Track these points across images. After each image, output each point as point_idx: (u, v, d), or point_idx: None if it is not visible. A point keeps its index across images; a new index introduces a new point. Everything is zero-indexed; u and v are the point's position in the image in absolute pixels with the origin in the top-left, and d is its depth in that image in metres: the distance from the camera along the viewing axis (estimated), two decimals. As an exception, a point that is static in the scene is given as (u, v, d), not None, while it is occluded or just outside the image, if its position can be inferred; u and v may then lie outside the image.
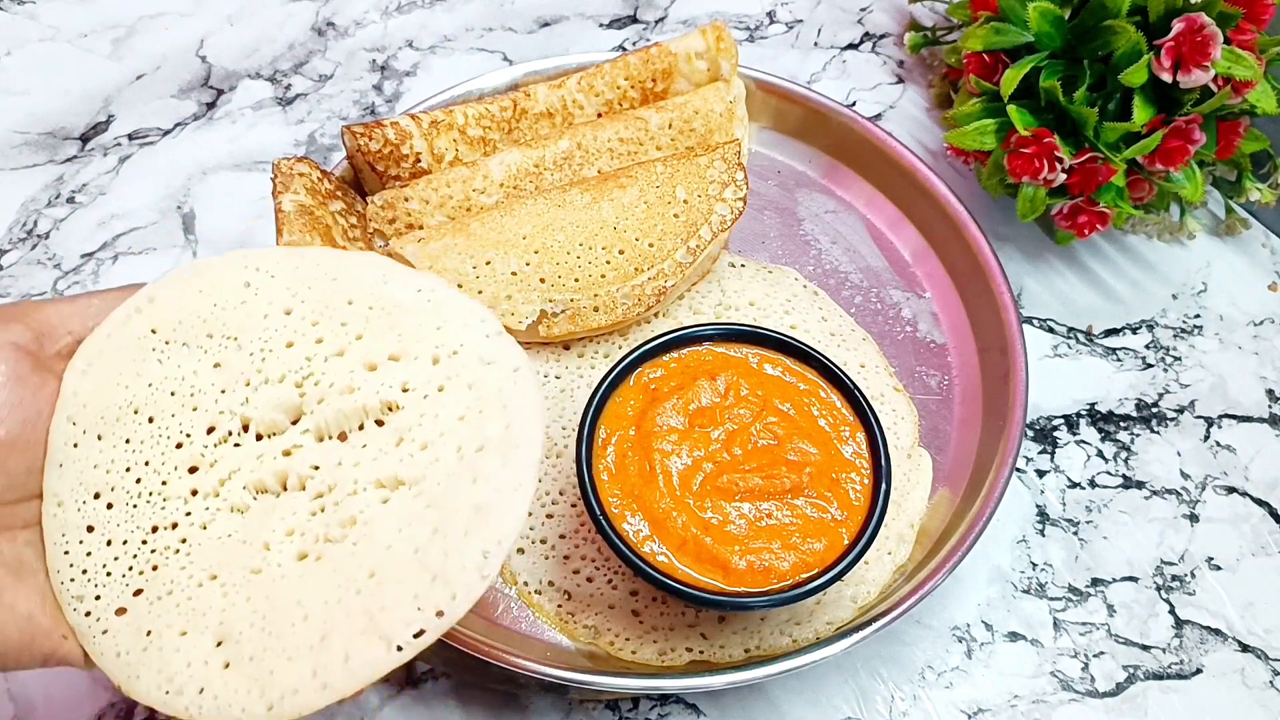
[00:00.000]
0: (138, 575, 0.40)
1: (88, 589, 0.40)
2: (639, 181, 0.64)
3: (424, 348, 0.43)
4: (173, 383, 0.42)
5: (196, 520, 0.40)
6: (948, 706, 0.56)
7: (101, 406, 0.41)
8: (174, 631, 0.39)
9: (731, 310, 0.65)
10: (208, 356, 0.42)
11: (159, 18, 0.84)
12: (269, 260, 0.44)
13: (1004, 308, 0.63)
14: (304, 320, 0.43)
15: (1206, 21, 0.61)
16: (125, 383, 0.41)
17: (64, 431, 0.40)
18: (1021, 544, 0.61)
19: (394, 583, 0.39)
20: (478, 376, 0.42)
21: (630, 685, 0.52)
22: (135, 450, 0.41)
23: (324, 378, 0.42)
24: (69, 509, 0.40)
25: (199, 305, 0.43)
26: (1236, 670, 0.58)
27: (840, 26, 0.86)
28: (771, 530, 0.50)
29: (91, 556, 0.40)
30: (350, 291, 0.43)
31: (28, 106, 0.78)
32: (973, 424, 0.62)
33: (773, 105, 0.73)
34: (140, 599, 0.40)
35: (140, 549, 0.40)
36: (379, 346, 0.43)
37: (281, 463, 0.41)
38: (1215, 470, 0.65)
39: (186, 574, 0.40)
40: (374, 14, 0.85)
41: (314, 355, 0.42)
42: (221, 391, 0.42)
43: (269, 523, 0.40)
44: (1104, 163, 0.64)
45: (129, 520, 0.40)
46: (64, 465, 0.40)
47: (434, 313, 0.43)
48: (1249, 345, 0.70)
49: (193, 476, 0.41)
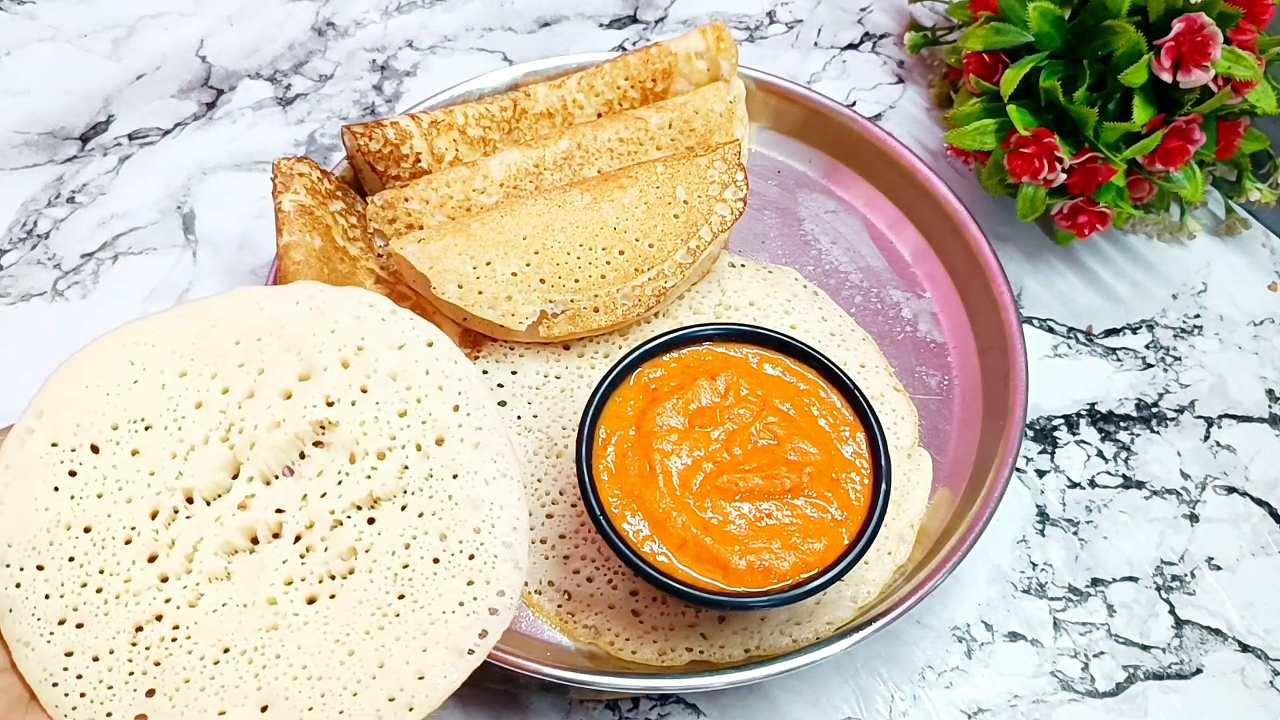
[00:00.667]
0: (142, 676, 0.39)
1: (95, 710, 0.38)
2: (639, 182, 0.64)
3: (328, 356, 0.42)
4: (96, 486, 0.40)
5: (180, 602, 0.39)
6: (948, 706, 0.56)
7: (28, 538, 0.39)
8: (211, 715, 0.38)
9: (731, 310, 0.65)
10: (121, 448, 0.41)
11: (159, 18, 0.84)
12: (142, 332, 0.42)
13: (1004, 308, 0.63)
14: (201, 376, 0.42)
15: (1206, 21, 0.61)
16: (44, 505, 0.40)
17: (0, 577, 0.39)
18: (1021, 544, 0.61)
19: (432, 597, 0.39)
20: (395, 364, 0.41)
21: (630, 685, 0.52)
22: (83, 565, 0.39)
23: (245, 422, 0.41)
24: (39, 646, 0.38)
25: (91, 402, 0.41)
26: (1236, 670, 0.58)
27: (840, 26, 0.86)
28: (771, 530, 0.50)
29: (83, 678, 0.38)
30: (233, 331, 0.42)
31: (28, 106, 0.78)
32: (973, 424, 0.62)
33: (773, 105, 0.73)
34: (157, 699, 0.38)
35: (132, 651, 0.39)
36: (284, 374, 0.42)
37: (242, 517, 0.40)
38: (1215, 470, 0.65)
39: (196, 656, 0.39)
40: (374, 14, 0.85)
41: (226, 406, 0.41)
42: (151, 474, 0.40)
43: (263, 578, 0.39)
44: (1104, 163, 0.64)
45: (105, 630, 0.39)
46: (14, 610, 0.39)
47: (321, 318, 0.42)
48: (1249, 345, 0.70)
49: (155, 565, 0.40)
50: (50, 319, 0.68)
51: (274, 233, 0.59)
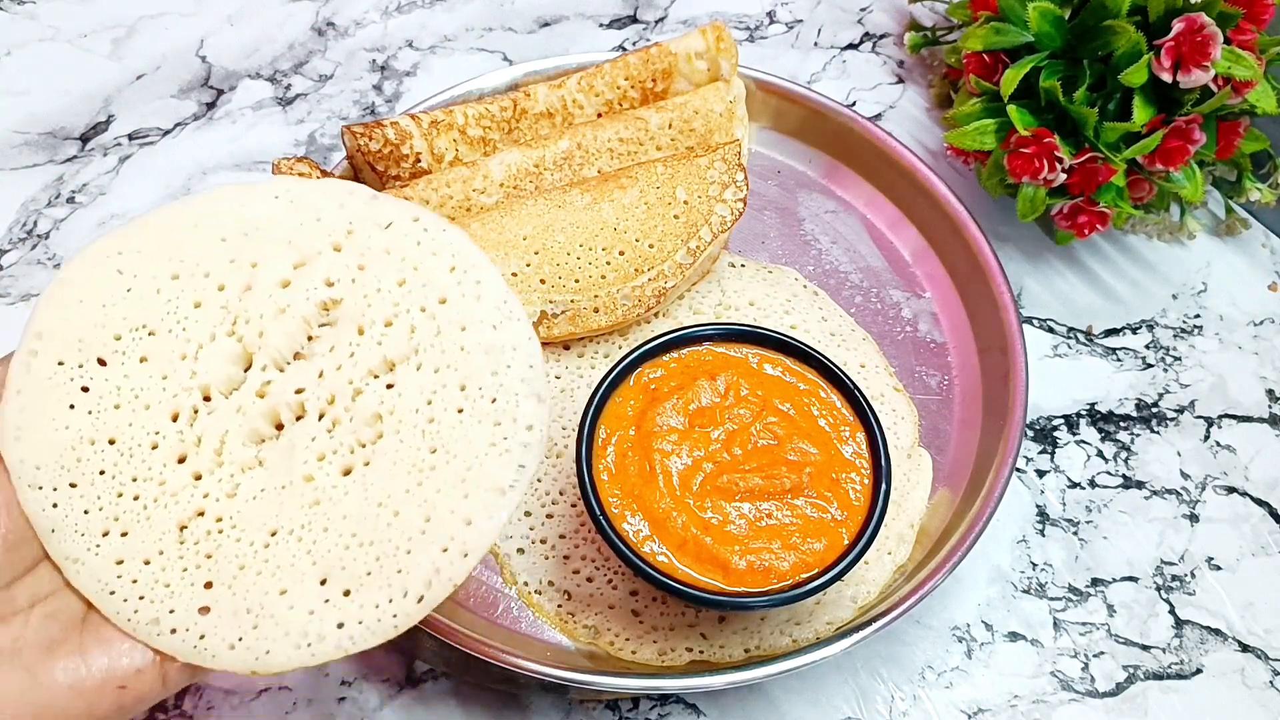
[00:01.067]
0: (196, 570, 0.39)
1: (158, 609, 0.39)
2: (639, 182, 0.64)
3: (319, 242, 0.42)
4: (111, 397, 0.40)
5: (218, 495, 0.40)
6: (948, 706, 0.56)
7: (55, 458, 0.39)
8: (273, 596, 0.38)
9: (731, 310, 0.65)
10: (129, 357, 0.41)
11: (159, 18, 0.84)
12: (127, 241, 0.42)
13: (1004, 308, 0.63)
14: (194, 276, 0.42)
15: (1206, 21, 0.61)
16: (64, 424, 0.40)
17: (35, 500, 0.39)
18: (1021, 544, 0.61)
19: (463, 445, 0.39)
20: (386, 241, 0.42)
21: (630, 685, 0.52)
22: (115, 475, 0.40)
23: (249, 313, 0.41)
24: (88, 560, 0.39)
25: (89, 316, 0.41)
26: (1236, 670, 0.58)
27: (840, 26, 0.86)
28: (771, 530, 0.50)
29: (139, 582, 0.39)
30: (217, 230, 0.42)
31: (28, 106, 0.78)
32: (973, 424, 0.62)
33: (773, 105, 0.73)
34: (216, 589, 0.39)
35: (181, 548, 0.39)
36: (279, 263, 0.42)
37: (263, 404, 0.41)
38: (1215, 470, 0.65)
39: (246, 543, 0.39)
40: (374, 14, 0.85)
41: (226, 301, 0.42)
42: (163, 378, 0.41)
43: (295, 458, 0.40)
44: (1104, 163, 0.64)
45: (150, 533, 0.39)
46: (56, 529, 0.39)
47: (304, 209, 0.43)
48: (1249, 345, 0.70)
49: (186, 464, 0.40)
50: (50, 319, 0.68)
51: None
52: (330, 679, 0.55)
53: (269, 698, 0.55)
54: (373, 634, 0.38)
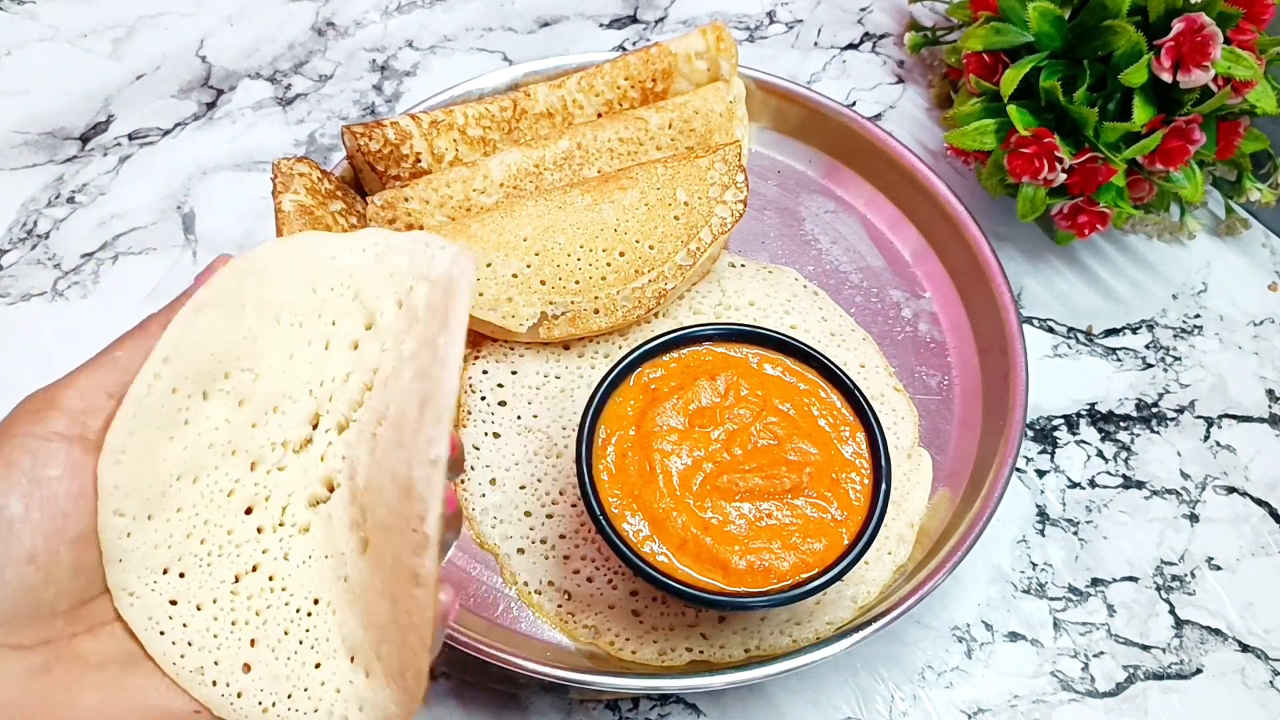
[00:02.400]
0: (245, 626, 0.39)
1: (203, 658, 0.38)
2: (640, 183, 0.64)
3: (385, 301, 0.42)
4: (207, 436, 0.40)
5: (276, 554, 0.40)
6: (948, 706, 0.56)
7: (145, 488, 0.39)
8: (310, 668, 0.38)
9: (731, 310, 0.65)
10: (230, 398, 0.40)
11: (159, 18, 0.84)
12: (244, 278, 0.41)
13: (1004, 308, 0.63)
14: (292, 327, 0.42)
15: (1206, 21, 0.61)
16: (162, 456, 0.39)
17: (113, 526, 0.38)
18: (1021, 544, 0.61)
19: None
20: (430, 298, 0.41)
21: (630, 685, 0.52)
22: (190, 515, 0.39)
23: (324, 375, 0.41)
24: (143, 594, 0.38)
25: (209, 347, 0.40)
26: (1236, 670, 0.58)
27: (840, 26, 0.86)
28: (771, 530, 0.50)
29: (189, 627, 0.38)
30: (311, 280, 0.42)
31: (28, 106, 0.78)
32: (973, 424, 0.62)
33: (773, 105, 0.73)
34: (259, 649, 0.39)
35: (234, 600, 0.39)
36: (352, 323, 0.42)
37: (321, 469, 0.40)
38: (1215, 470, 0.65)
39: (292, 609, 0.39)
40: (374, 14, 0.85)
41: (312, 359, 0.41)
42: (253, 426, 0.40)
43: (334, 529, 0.39)
44: (1104, 163, 0.64)
45: (209, 580, 0.39)
46: (123, 559, 0.38)
47: (383, 264, 0.42)
48: (1249, 345, 0.70)
49: (252, 516, 0.40)
50: (50, 319, 0.68)
51: (274, 233, 0.59)
52: (330, 679, 0.55)
53: (269, 698, 0.55)
54: (384, 713, 0.38)
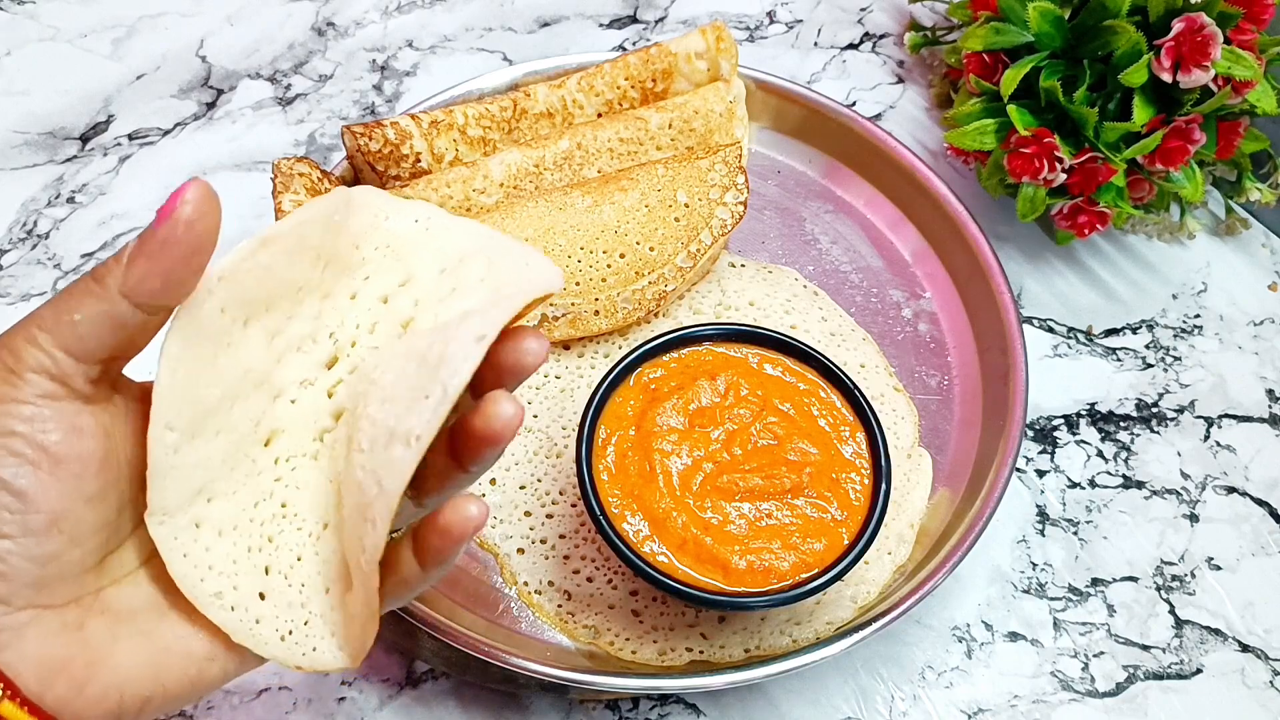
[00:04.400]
0: (259, 553, 0.39)
1: (222, 583, 0.38)
2: (640, 185, 0.64)
3: (426, 268, 0.42)
4: (243, 364, 0.40)
5: (289, 482, 0.40)
6: (948, 706, 0.56)
7: (193, 405, 0.39)
8: (319, 592, 0.39)
9: (731, 310, 0.65)
10: (265, 330, 0.41)
11: (159, 18, 0.84)
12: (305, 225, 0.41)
13: (1004, 308, 0.63)
14: (328, 272, 0.42)
15: (1206, 21, 0.61)
16: (208, 376, 0.39)
17: (164, 441, 0.38)
18: (1021, 544, 0.62)
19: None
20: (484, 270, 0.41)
21: (630, 685, 0.52)
22: (226, 440, 0.40)
23: (348, 321, 0.42)
24: (175, 514, 0.39)
25: (257, 276, 0.40)
26: (1236, 670, 0.58)
27: (840, 26, 0.86)
28: (771, 530, 0.50)
29: (210, 551, 0.39)
30: (357, 237, 0.42)
31: (28, 106, 0.78)
32: (973, 424, 0.62)
33: (773, 105, 0.73)
34: (273, 577, 0.39)
35: (250, 527, 0.39)
36: (386, 281, 0.42)
37: (330, 403, 0.41)
38: (1215, 470, 0.65)
39: (304, 534, 0.40)
40: (374, 14, 0.85)
41: (339, 307, 0.42)
42: (277, 361, 0.41)
43: (338, 456, 0.40)
44: (1104, 163, 0.64)
45: (232, 506, 0.39)
46: (167, 478, 0.38)
47: (433, 237, 0.42)
48: (1249, 345, 0.70)
49: (269, 448, 0.40)
50: (50, 319, 0.68)
51: (274, 233, 0.59)
52: (330, 679, 0.55)
53: (269, 697, 0.55)
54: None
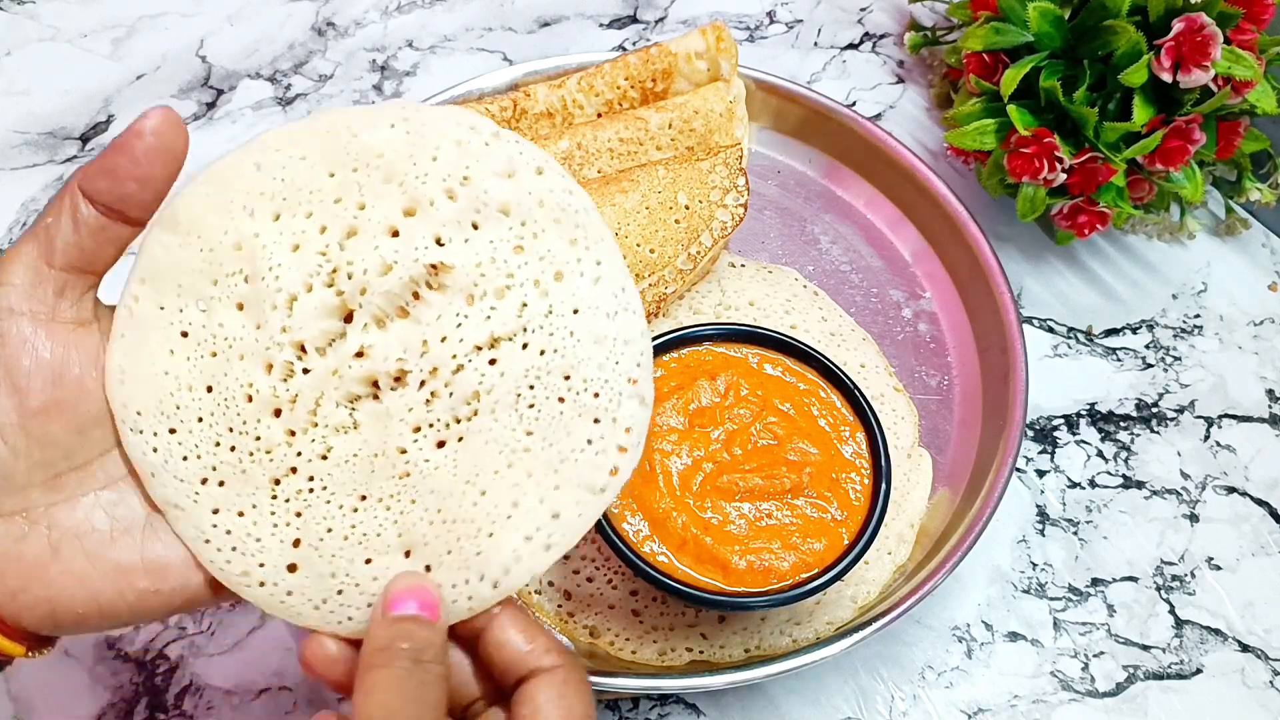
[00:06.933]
0: (286, 528, 0.39)
1: (248, 562, 0.38)
2: (640, 186, 0.64)
3: (432, 188, 0.39)
4: (208, 344, 0.39)
5: (311, 455, 0.39)
6: (948, 706, 0.56)
7: (155, 403, 0.39)
8: (359, 564, 0.38)
9: (731, 310, 0.65)
10: (224, 304, 0.39)
11: (159, 18, 0.84)
12: (226, 175, 0.39)
13: (1004, 308, 0.63)
14: (296, 217, 0.39)
15: (1206, 21, 0.61)
16: (164, 369, 0.39)
17: (136, 443, 0.39)
18: (1021, 544, 0.62)
19: (560, 435, 0.38)
20: (506, 195, 0.39)
21: (630, 685, 0.52)
22: (212, 424, 0.39)
23: (353, 266, 0.39)
24: (187, 507, 0.39)
25: (188, 260, 0.39)
26: (1236, 670, 0.58)
27: (840, 26, 0.86)
28: (771, 530, 0.50)
29: (232, 533, 0.38)
30: (325, 163, 0.39)
31: (28, 106, 0.78)
32: (973, 424, 0.62)
33: (773, 105, 0.73)
34: (303, 549, 0.38)
35: (273, 504, 0.39)
36: (387, 207, 0.39)
37: (361, 367, 0.39)
38: (1215, 470, 0.65)
39: (335, 505, 0.39)
40: (374, 14, 0.85)
41: (326, 247, 0.39)
42: (256, 328, 0.39)
43: (391, 427, 0.39)
44: (1104, 163, 0.64)
45: (245, 486, 0.39)
46: (155, 474, 0.39)
47: (421, 142, 0.39)
48: (1249, 345, 0.70)
49: (280, 420, 0.39)
50: (50, 319, 0.68)
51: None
52: (330, 679, 0.55)
53: (269, 698, 0.55)
54: (449, 613, 0.37)
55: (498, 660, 0.38)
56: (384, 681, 0.35)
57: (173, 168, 0.37)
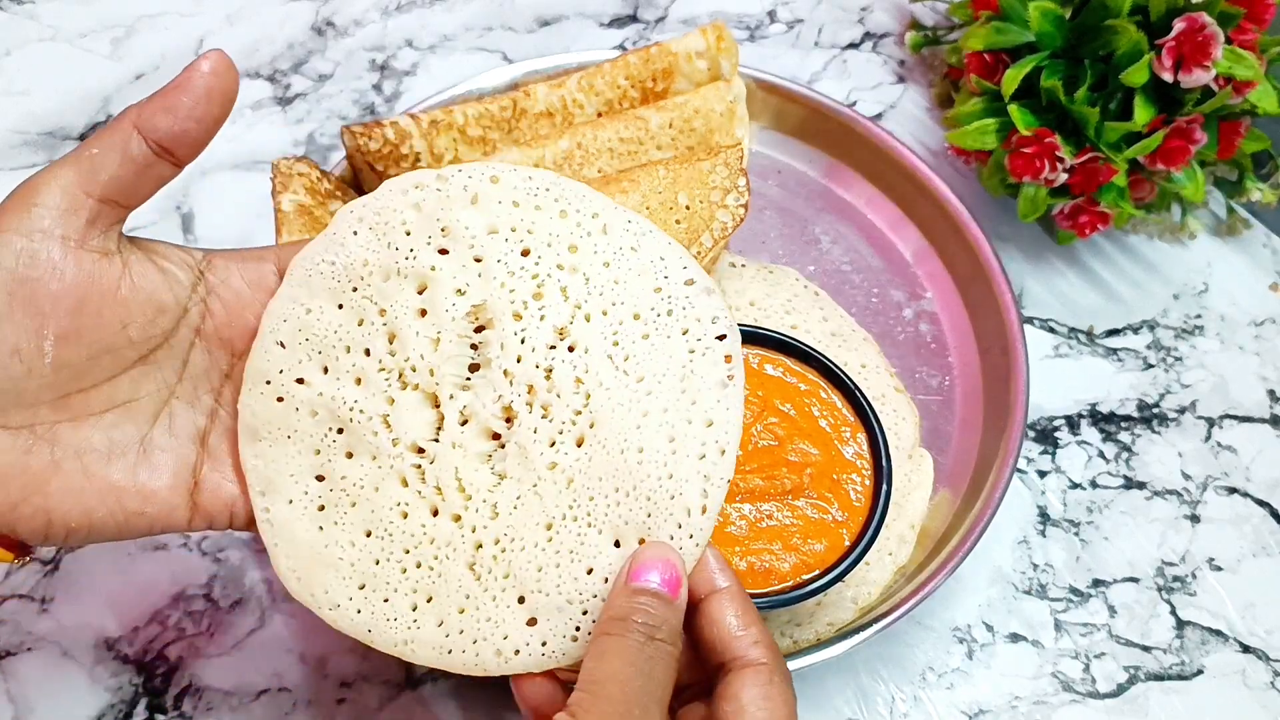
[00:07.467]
0: (502, 594, 0.40)
1: (495, 644, 0.40)
2: (641, 186, 0.64)
3: (424, 258, 0.42)
4: (344, 501, 0.41)
5: (484, 523, 0.40)
6: (949, 707, 0.56)
7: (334, 578, 0.41)
8: (581, 579, 0.39)
9: (732, 310, 0.65)
10: (336, 460, 0.42)
11: (159, 17, 0.84)
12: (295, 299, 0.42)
13: (1005, 308, 0.63)
14: (340, 361, 0.42)
15: (1208, 21, 0.61)
16: (321, 546, 0.41)
17: (344, 620, 0.41)
18: (1022, 545, 0.61)
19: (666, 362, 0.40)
20: (484, 218, 0.41)
21: (631, 686, 0.52)
22: (390, 558, 0.41)
23: (408, 362, 0.41)
24: (415, 637, 0.40)
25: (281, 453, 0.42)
26: (1237, 671, 0.58)
27: (841, 26, 0.86)
28: (772, 531, 0.50)
29: (465, 633, 0.40)
30: (330, 299, 0.42)
31: (28, 106, 0.78)
32: (974, 424, 0.62)
33: (773, 105, 0.73)
34: (530, 599, 0.39)
35: (479, 584, 0.40)
36: (402, 299, 0.42)
37: (474, 427, 0.41)
38: (1216, 471, 0.65)
39: (530, 546, 0.40)
40: (374, 13, 0.85)
41: (381, 363, 0.42)
42: (373, 459, 0.41)
43: (531, 457, 0.40)
44: (1105, 162, 0.64)
45: (450, 587, 0.40)
46: (372, 630, 0.40)
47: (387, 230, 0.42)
48: (1250, 346, 0.70)
49: (439, 516, 0.41)
50: (50, 319, 0.68)
51: (273, 233, 0.59)
52: (329, 680, 0.55)
53: (269, 699, 0.55)
54: (685, 592, 0.38)
55: (709, 636, 0.38)
56: (615, 649, 0.36)
57: (227, 109, 0.39)
